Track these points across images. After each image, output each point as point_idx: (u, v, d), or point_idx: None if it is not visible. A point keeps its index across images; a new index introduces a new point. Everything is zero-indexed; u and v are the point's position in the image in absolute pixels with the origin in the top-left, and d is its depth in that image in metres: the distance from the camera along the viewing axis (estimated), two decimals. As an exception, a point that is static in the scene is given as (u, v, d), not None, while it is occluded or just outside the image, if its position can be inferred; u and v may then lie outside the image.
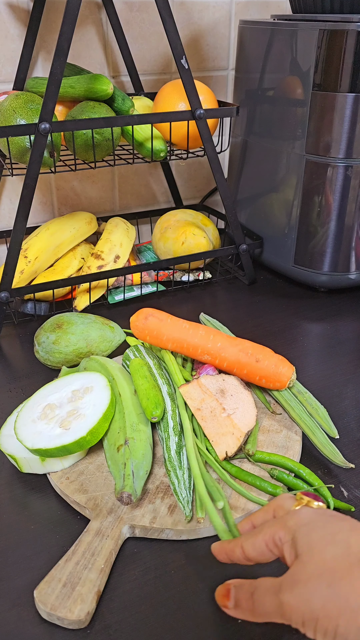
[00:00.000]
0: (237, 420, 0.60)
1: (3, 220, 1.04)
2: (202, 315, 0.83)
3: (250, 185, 1.02)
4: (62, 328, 0.74)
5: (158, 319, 0.69)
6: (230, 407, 0.61)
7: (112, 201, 1.13)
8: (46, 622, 0.46)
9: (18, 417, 0.61)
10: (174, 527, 0.53)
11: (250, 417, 0.61)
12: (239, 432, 0.59)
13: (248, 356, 0.66)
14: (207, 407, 0.61)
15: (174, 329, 0.68)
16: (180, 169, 1.18)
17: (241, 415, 0.61)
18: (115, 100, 0.86)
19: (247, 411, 0.61)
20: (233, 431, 0.59)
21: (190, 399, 0.62)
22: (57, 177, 1.05)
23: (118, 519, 0.53)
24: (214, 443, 0.59)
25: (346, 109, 0.81)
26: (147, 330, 0.69)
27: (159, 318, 0.69)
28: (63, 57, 0.71)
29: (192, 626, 0.46)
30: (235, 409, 0.61)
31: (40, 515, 0.56)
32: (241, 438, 0.59)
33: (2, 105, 0.78)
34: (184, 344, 0.68)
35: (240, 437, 0.59)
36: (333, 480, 0.60)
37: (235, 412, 0.61)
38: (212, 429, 0.60)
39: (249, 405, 0.62)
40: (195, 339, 0.67)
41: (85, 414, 0.59)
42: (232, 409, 0.61)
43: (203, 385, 0.63)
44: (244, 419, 0.60)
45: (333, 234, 0.89)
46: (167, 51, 1.06)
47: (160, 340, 0.68)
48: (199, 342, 0.67)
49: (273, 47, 0.90)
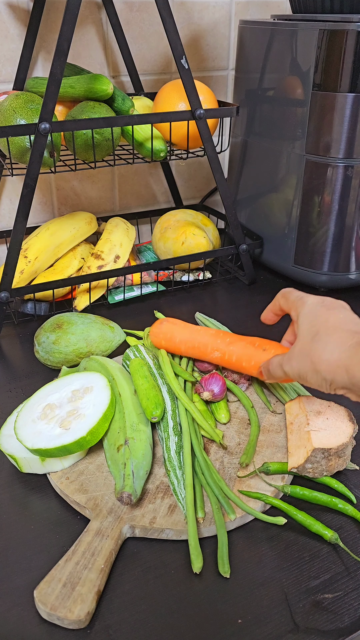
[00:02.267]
0: (314, 436, 0.57)
1: (3, 220, 1.04)
2: (198, 314, 0.83)
3: (250, 185, 1.02)
4: (62, 328, 0.74)
5: (172, 323, 0.73)
6: (317, 426, 0.59)
7: (112, 201, 1.13)
8: (46, 622, 0.46)
9: (18, 417, 0.61)
10: (174, 527, 0.53)
11: (334, 440, 0.57)
12: (310, 446, 0.56)
13: (255, 347, 0.66)
14: (297, 421, 0.61)
15: (185, 330, 0.71)
16: (180, 169, 1.18)
17: (323, 436, 0.58)
18: (115, 100, 0.86)
19: (334, 435, 0.58)
20: (306, 445, 0.57)
21: (289, 413, 0.63)
22: (57, 177, 1.05)
23: (118, 519, 0.53)
24: (290, 454, 0.59)
25: (346, 109, 0.81)
26: (161, 335, 0.72)
27: (173, 322, 0.73)
28: (63, 57, 0.71)
29: (192, 626, 0.46)
30: (321, 429, 0.59)
31: (40, 515, 0.56)
32: (309, 452, 0.56)
33: (2, 105, 0.78)
34: (194, 343, 0.70)
35: (309, 451, 0.56)
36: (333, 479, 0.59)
37: (319, 431, 0.58)
38: (292, 442, 0.59)
39: (341, 433, 0.58)
40: (205, 337, 0.69)
41: (85, 414, 0.59)
42: (318, 428, 0.59)
43: (302, 403, 0.63)
44: (324, 438, 0.57)
45: (333, 234, 0.89)
46: (167, 51, 1.06)
47: (174, 342, 0.71)
48: (209, 340, 0.69)
49: (273, 47, 0.90)
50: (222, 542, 0.51)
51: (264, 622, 0.46)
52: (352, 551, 0.52)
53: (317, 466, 0.57)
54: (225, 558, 0.50)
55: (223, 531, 0.52)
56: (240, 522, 0.54)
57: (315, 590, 0.49)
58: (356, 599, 0.48)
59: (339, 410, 0.62)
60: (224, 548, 0.51)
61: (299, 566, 0.51)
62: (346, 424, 0.59)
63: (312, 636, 0.45)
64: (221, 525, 0.52)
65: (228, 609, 0.47)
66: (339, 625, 0.46)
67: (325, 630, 0.46)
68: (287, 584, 0.49)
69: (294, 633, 0.45)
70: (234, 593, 0.48)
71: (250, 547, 0.52)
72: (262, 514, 0.54)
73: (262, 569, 0.50)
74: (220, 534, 0.52)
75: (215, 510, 0.53)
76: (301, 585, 0.49)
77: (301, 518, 0.54)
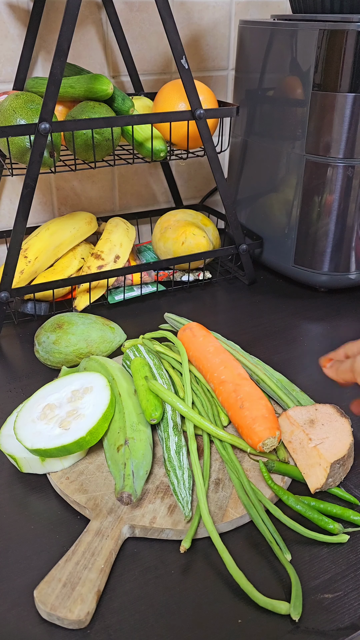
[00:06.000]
0: (324, 450, 0.56)
1: (3, 220, 1.04)
2: (167, 314, 0.82)
3: (250, 185, 1.02)
4: (63, 328, 0.74)
5: (191, 334, 0.73)
6: (319, 436, 0.58)
7: (112, 201, 1.13)
8: (46, 622, 0.46)
9: (18, 417, 0.61)
10: (174, 527, 0.53)
11: (341, 446, 0.56)
12: (325, 463, 0.55)
13: (236, 399, 0.62)
14: (296, 439, 0.59)
15: (197, 347, 0.71)
16: (180, 169, 1.18)
17: (330, 445, 0.57)
18: (115, 100, 0.86)
19: (337, 439, 0.57)
20: (320, 462, 0.56)
21: (283, 432, 0.61)
22: (57, 177, 1.05)
23: (118, 519, 0.53)
24: (305, 475, 0.57)
25: (346, 109, 0.81)
26: (182, 340, 0.73)
27: (193, 333, 0.73)
28: (63, 57, 0.71)
29: (192, 626, 0.46)
30: (324, 439, 0.57)
31: (40, 515, 0.56)
32: (327, 469, 0.55)
33: (2, 105, 0.78)
34: (200, 365, 0.70)
35: (327, 468, 0.55)
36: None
37: (323, 441, 0.57)
38: (302, 461, 0.58)
39: (341, 434, 0.58)
40: (208, 364, 0.68)
41: (85, 414, 0.59)
42: (320, 439, 0.57)
43: (290, 417, 0.61)
44: (332, 448, 0.56)
45: (333, 234, 0.89)
46: (167, 51, 1.06)
47: (188, 353, 0.72)
48: (209, 368, 0.68)
49: (273, 47, 0.90)
50: (296, 581, 0.48)
51: (264, 622, 0.46)
52: (354, 551, 0.52)
53: (336, 477, 0.57)
54: (300, 599, 0.47)
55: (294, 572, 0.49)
56: (240, 522, 0.54)
57: (315, 590, 0.49)
58: (356, 599, 0.48)
59: (328, 409, 0.61)
60: (298, 588, 0.48)
61: (299, 566, 0.51)
62: (341, 421, 0.59)
63: (312, 636, 0.45)
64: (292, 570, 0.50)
65: (228, 609, 0.47)
66: (339, 625, 0.46)
67: (325, 630, 0.46)
68: (287, 583, 0.49)
69: (294, 633, 0.45)
70: (234, 593, 0.48)
71: (250, 547, 0.52)
72: (325, 536, 0.52)
73: (262, 568, 0.50)
74: (291, 573, 0.49)
75: (280, 556, 0.51)
76: (301, 585, 0.49)
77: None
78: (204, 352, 0.70)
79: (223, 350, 0.70)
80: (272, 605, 0.46)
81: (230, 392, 0.63)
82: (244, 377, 0.65)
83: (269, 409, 0.60)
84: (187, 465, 0.58)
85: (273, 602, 0.46)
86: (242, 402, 0.61)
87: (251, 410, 0.60)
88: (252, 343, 0.83)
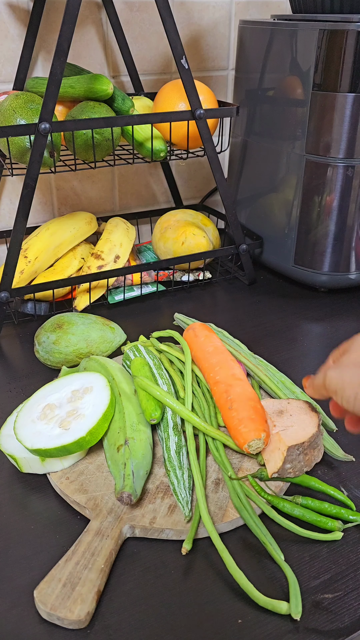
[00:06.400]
0: (285, 436, 0.56)
1: (3, 220, 1.04)
2: (177, 314, 0.82)
3: (250, 185, 1.02)
4: (63, 328, 0.74)
5: (194, 334, 0.73)
6: (283, 424, 0.58)
7: (112, 201, 1.13)
8: (46, 622, 0.46)
9: (18, 417, 0.61)
10: (174, 527, 0.53)
11: (303, 434, 0.56)
12: (284, 446, 0.55)
13: (226, 400, 0.62)
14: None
15: (199, 347, 0.71)
16: (180, 169, 1.18)
17: (292, 432, 0.57)
18: (115, 100, 0.86)
19: (301, 429, 0.57)
20: (279, 446, 0.56)
21: None
22: (57, 177, 1.05)
23: (118, 519, 0.53)
24: (266, 461, 0.58)
25: (346, 109, 0.81)
26: (186, 340, 0.74)
27: (195, 333, 0.73)
28: (63, 57, 0.71)
29: (192, 626, 0.46)
30: (288, 427, 0.58)
31: (40, 515, 0.56)
32: (285, 452, 0.55)
33: (2, 105, 0.78)
34: (200, 365, 0.70)
35: (284, 451, 0.55)
36: (333, 479, 0.59)
37: (286, 429, 0.57)
38: (267, 448, 0.58)
39: (307, 425, 0.58)
40: (206, 364, 0.68)
41: (85, 414, 0.59)
42: (284, 427, 0.58)
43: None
44: (293, 434, 0.56)
45: (333, 234, 0.89)
46: (167, 51, 1.06)
47: (190, 352, 0.72)
48: (207, 369, 0.68)
49: (273, 47, 0.90)
50: (293, 580, 0.48)
51: (264, 622, 0.46)
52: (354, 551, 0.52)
53: (295, 464, 0.56)
54: (299, 598, 0.47)
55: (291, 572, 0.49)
56: (240, 522, 0.54)
57: (315, 590, 0.49)
58: (356, 599, 0.48)
59: (298, 404, 0.62)
60: (296, 587, 0.48)
61: (299, 566, 0.51)
62: (310, 414, 0.60)
63: (312, 636, 0.45)
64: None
65: (228, 609, 0.47)
66: (339, 625, 0.46)
67: (325, 630, 0.46)
68: (287, 583, 0.49)
69: (294, 633, 0.45)
70: (234, 593, 0.48)
71: (249, 547, 0.52)
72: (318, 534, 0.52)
73: (262, 568, 0.50)
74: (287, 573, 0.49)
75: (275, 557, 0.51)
76: (301, 586, 0.49)
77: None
78: (203, 352, 0.70)
79: (222, 350, 0.70)
80: (272, 605, 0.46)
81: (222, 393, 0.63)
82: (237, 378, 0.65)
83: (257, 411, 0.60)
84: (187, 465, 0.58)
85: (273, 602, 0.46)
86: (232, 403, 0.61)
87: (239, 411, 0.60)
88: (252, 343, 0.83)
